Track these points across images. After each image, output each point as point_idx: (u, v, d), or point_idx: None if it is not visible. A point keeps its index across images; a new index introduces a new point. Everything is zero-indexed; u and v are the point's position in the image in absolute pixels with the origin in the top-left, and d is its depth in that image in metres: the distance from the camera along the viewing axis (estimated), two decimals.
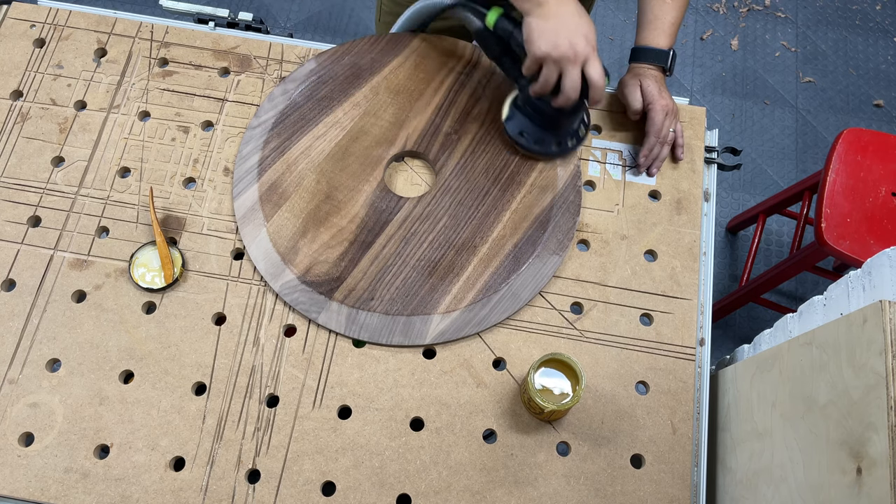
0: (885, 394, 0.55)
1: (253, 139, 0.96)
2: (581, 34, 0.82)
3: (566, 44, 0.81)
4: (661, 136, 0.96)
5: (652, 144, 0.97)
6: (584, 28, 0.83)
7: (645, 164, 0.98)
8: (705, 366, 0.90)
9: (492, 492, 0.82)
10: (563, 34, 0.81)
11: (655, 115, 0.96)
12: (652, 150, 0.97)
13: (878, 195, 1.45)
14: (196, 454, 0.82)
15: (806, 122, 2.17)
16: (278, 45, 1.05)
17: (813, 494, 0.65)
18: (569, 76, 0.83)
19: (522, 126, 0.94)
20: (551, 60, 0.83)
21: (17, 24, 1.04)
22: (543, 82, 0.85)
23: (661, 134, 0.96)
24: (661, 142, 0.97)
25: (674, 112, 0.97)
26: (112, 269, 0.90)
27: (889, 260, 0.64)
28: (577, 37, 0.82)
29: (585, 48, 0.82)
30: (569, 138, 0.95)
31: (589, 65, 0.83)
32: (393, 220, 0.93)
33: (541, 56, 0.83)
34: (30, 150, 0.97)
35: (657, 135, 0.96)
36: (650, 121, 0.97)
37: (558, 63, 0.83)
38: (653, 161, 0.97)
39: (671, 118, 0.97)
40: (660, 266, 0.94)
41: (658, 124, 0.96)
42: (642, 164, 0.98)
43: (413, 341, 0.87)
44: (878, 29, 2.31)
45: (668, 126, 0.96)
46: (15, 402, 0.84)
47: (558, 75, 0.84)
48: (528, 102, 0.92)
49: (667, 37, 0.98)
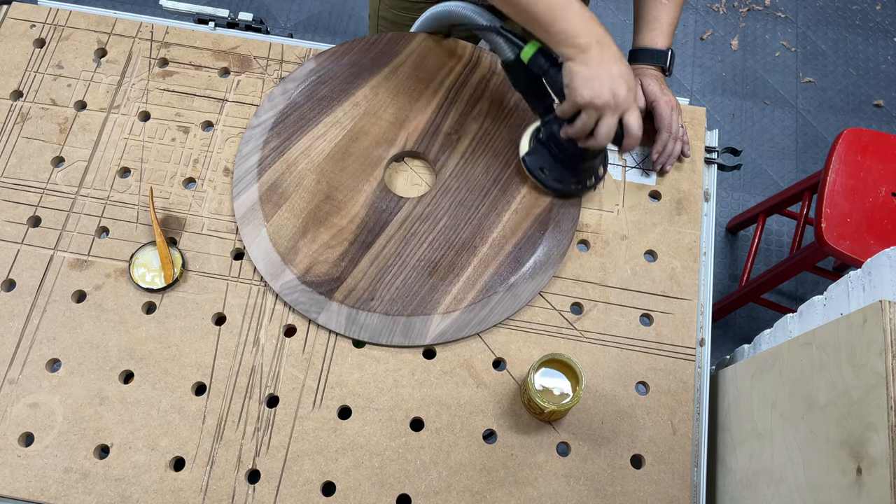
0: (885, 394, 0.55)
1: (253, 139, 0.96)
2: (624, 83, 0.81)
3: (609, 93, 0.80)
4: (672, 132, 0.96)
5: (665, 140, 0.96)
6: (627, 76, 0.82)
7: (660, 162, 0.97)
8: (705, 366, 0.90)
9: (492, 492, 0.82)
10: (607, 83, 0.80)
11: (662, 110, 0.96)
12: (665, 147, 0.96)
13: (878, 195, 1.45)
14: (196, 454, 0.82)
15: (806, 122, 2.17)
16: (278, 45, 1.05)
17: (813, 494, 0.65)
18: (606, 124, 0.82)
19: (543, 162, 0.92)
20: (593, 108, 0.82)
21: (17, 24, 1.04)
22: (581, 127, 0.84)
23: (672, 129, 0.96)
24: (674, 137, 0.96)
25: (678, 108, 0.97)
26: (112, 269, 0.90)
27: (889, 260, 0.64)
28: (619, 86, 0.81)
29: (627, 98, 0.82)
30: (589, 178, 0.94)
31: (629, 114, 0.83)
32: (393, 221, 0.93)
33: (583, 104, 0.82)
34: (30, 150, 0.97)
35: (668, 129, 0.96)
36: (658, 116, 0.96)
37: (599, 111, 0.82)
38: (668, 157, 0.97)
39: (678, 113, 0.97)
40: (660, 266, 0.94)
41: (667, 118, 0.95)
42: (657, 161, 0.97)
43: (413, 341, 0.87)
44: (878, 29, 2.31)
45: (676, 121, 0.96)
46: (15, 402, 0.84)
47: (595, 122, 0.83)
48: (553, 140, 0.90)
49: (665, 37, 0.98)
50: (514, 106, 1.00)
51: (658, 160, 0.97)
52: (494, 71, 1.02)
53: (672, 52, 0.98)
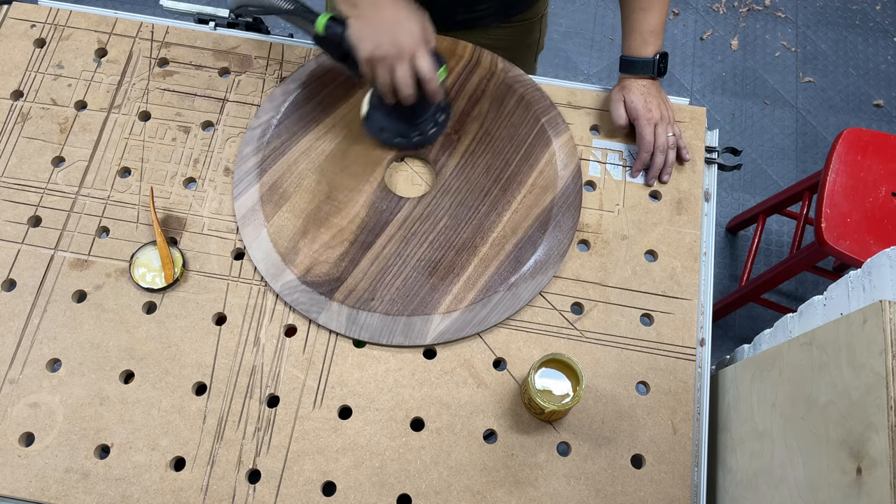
0: (885, 394, 0.55)
1: (253, 139, 0.97)
2: (404, 30, 0.79)
3: (389, 42, 0.79)
4: (651, 149, 0.96)
5: (644, 160, 0.97)
6: (407, 23, 0.80)
7: (651, 177, 0.97)
8: (705, 366, 0.90)
9: (492, 492, 0.82)
10: (384, 32, 0.79)
11: (642, 129, 0.96)
12: (653, 163, 0.97)
13: (878, 195, 1.45)
14: (196, 454, 0.82)
15: (806, 122, 2.17)
16: (278, 45, 1.05)
17: (813, 494, 0.65)
18: (397, 74, 0.81)
19: (381, 123, 0.94)
20: (377, 61, 0.81)
21: (17, 24, 1.04)
22: (381, 83, 0.83)
23: (651, 147, 0.96)
24: (661, 151, 0.96)
25: (666, 119, 0.97)
26: (112, 269, 0.90)
27: (889, 260, 0.64)
28: (400, 33, 0.79)
29: (410, 44, 0.80)
30: (429, 126, 0.94)
31: (417, 59, 0.81)
32: (393, 221, 0.93)
33: (367, 58, 0.81)
34: (30, 150, 0.97)
35: (647, 150, 0.96)
36: (637, 136, 0.97)
37: (385, 62, 0.80)
38: (656, 172, 0.97)
39: (664, 126, 0.96)
40: (660, 266, 0.94)
41: (646, 138, 0.96)
42: (648, 177, 0.98)
43: (413, 341, 0.87)
44: (878, 29, 2.31)
45: (661, 134, 0.96)
46: (15, 402, 0.84)
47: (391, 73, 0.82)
48: (381, 99, 0.90)
49: (649, 44, 0.97)
50: (514, 106, 1.00)
51: (648, 177, 0.98)
52: (494, 71, 1.02)
53: (660, 56, 0.97)
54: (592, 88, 1.04)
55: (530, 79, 1.02)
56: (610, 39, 2.28)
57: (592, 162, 0.99)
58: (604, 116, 1.02)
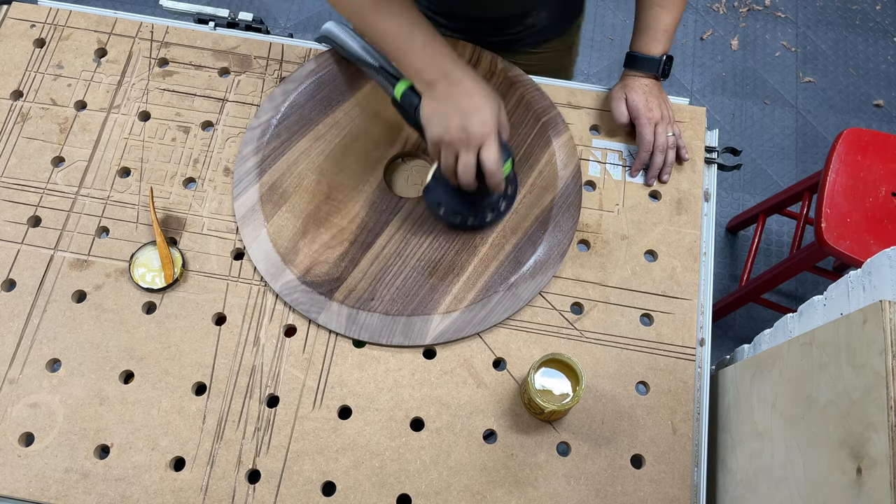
0: (885, 394, 0.55)
1: (253, 139, 0.97)
2: (476, 119, 0.77)
3: (457, 128, 0.77)
4: (651, 149, 0.96)
5: (644, 159, 0.97)
6: (480, 109, 0.78)
7: (650, 177, 0.97)
8: (705, 366, 0.90)
9: (492, 492, 0.82)
10: (455, 117, 0.77)
11: (642, 128, 0.96)
12: (652, 163, 0.97)
13: (878, 195, 1.45)
14: (196, 454, 0.82)
15: (806, 122, 2.17)
16: (278, 45, 1.05)
17: (813, 494, 0.65)
18: (461, 161, 0.79)
19: (440, 197, 0.89)
20: (445, 144, 0.79)
21: (17, 24, 1.04)
22: (444, 165, 0.81)
23: (650, 147, 0.96)
24: (660, 150, 0.96)
25: (667, 119, 0.97)
26: (112, 269, 0.90)
27: (889, 260, 0.64)
28: (471, 121, 0.77)
29: (480, 131, 0.77)
30: (488, 212, 0.91)
31: (484, 149, 0.78)
32: (393, 221, 0.93)
33: (434, 140, 0.80)
34: (30, 150, 0.97)
35: (646, 149, 0.96)
36: (637, 135, 0.97)
37: (452, 147, 0.79)
38: (655, 172, 0.97)
39: (664, 126, 0.96)
40: (660, 266, 0.94)
41: (646, 138, 0.96)
42: (647, 177, 0.98)
43: (413, 341, 0.87)
44: (878, 29, 2.31)
45: (661, 133, 0.96)
46: (15, 402, 0.84)
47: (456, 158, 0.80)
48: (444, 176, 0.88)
49: (659, 43, 0.96)
50: (514, 106, 1.00)
51: (648, 176, 0.98)
52: (494, 71, 1.02)
53: (667, 58, 0.97)
54: (592, 88, 1.04)
55: (530, 79, 1.02)
56: (610, 39, 2.28)
57: (592, 162, 0.99)
58: (604, 116, 1.02)
